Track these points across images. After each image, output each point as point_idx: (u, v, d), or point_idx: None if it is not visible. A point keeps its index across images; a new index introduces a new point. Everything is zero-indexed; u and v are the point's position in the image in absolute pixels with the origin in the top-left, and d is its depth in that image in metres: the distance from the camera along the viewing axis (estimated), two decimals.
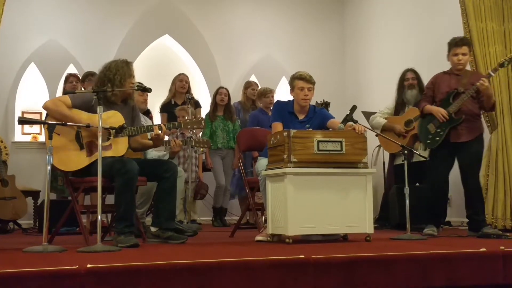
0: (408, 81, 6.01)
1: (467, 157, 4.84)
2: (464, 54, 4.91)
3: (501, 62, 4.87)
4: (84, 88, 6.19)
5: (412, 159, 5.74)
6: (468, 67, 5.13)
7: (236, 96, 7.49)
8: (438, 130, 4.88)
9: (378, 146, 6.73)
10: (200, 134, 6.82)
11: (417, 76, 6.01)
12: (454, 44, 4.94)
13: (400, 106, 6.06)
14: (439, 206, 5.00)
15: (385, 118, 6.06)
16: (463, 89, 4.83)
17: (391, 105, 6.14)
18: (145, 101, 5.36)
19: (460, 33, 5.55)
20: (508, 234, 4.57)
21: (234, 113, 7.04)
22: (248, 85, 7.28)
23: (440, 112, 4.85)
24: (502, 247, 3.21)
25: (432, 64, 5.94)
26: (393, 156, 6.17)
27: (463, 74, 4.94)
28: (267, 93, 6.95)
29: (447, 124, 4.83)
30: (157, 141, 4.31)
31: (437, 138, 4.87)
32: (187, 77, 7.05)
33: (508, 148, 5.36)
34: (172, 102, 6.85)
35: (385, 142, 5.94)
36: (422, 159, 4.93)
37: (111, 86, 4.05)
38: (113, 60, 4.29)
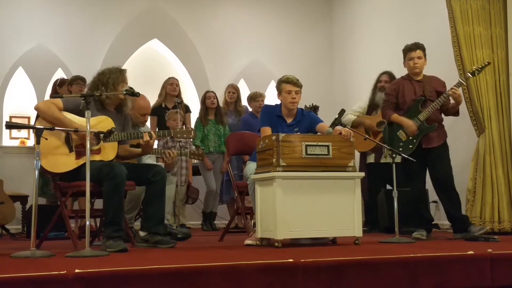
0: (381, 83, 6.14)
1: (440, 161, 4.92)
2: (419, 58, 4.99)
3: (472, 71, 4.95)
4: (71, 92, 6.16)
5: (381, 160, 5.87)
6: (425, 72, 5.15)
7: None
8: (411, 138, 4.91)
9: None
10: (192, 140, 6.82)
11: (391, 80, 6.06)
12: (408, 49, 5.04)
13: (373, 107, 6.20)
14: (426, 211, 5.07)
15: (357, 117, 6.18)
16: (431, 97, 4.90)
17: (364, 104, 6.26)
18: (145, 121, 5.28)
19: (447, 36, 5.60)
20: (496, 236, 4.61)
21: (224, 116, 7.06)
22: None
23: (412, 128, 4.86)
24: (489, 250, 3.24)
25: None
26: (364, 155, 6.24)
27: (424, 80, 5.00)
28: (257, 97, 7.00)
29: (420, 132, 4.89)
30: (146, 148, 4.30)
31: (411, 146, 4.90)
32: (177, 81, 7.04)
33: (496, 151, 5.40)
34: (163, 106, 6.85)
35: (356, 140, 6.02)
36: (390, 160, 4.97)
37: (104, 89, 4.05)
38: (107, 70, 4.30)
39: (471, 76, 4.97)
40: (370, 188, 6.10)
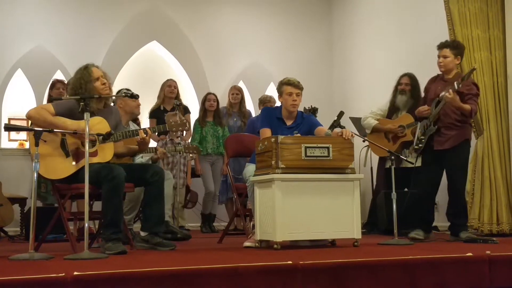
0: (401, 85, 6.00)
1: (450, 163, 4.90)
2: (445, 57, 4.93)
3: (462, 77, 4.84)
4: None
5: (401, 164, 5.79)
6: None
7: (225, 102, 7.49)
8: (422, 137, 4.96)
9: (366, 146, 6.70)
10: (190, 140, 6.82)
11: (411, 82, 5.96)
12: (437, 47, 4.99)
13: (393, 110, 6.06)
14: (426, 211, 5.04)
15: (377, 120, 6.07)
16: (440, 98, 4.88)
17: (384, 106, 6.13)
18: (138, 106, 5.27)
19: (447, 37, 5.60)
20: (494, 238, 4.61)
21: (223, 119, 7.06)
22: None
23: (420, 110, 4.98)
24: (488, 252, 3.24)
25: (419, 69, 6.00)
26: (383, 159, 6.18)
27: (451, 79, 4.91)
28: (265, 101, 7.00)
29: (428, 133, 4.92)
30: (142, 145, 4.28)
31: (420, 145, 4.97)
32: (176, 83, 7.04)
33: (494, 153, 5.41)
34: (161, 108, 6.85)
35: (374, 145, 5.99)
36: (410, 165, 5.00)
37: (84, 100, 3.76)
38: (75, 73, 4.18)
39: (461, 81, 4.79)
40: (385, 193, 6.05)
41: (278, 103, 7.10)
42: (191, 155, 6.21)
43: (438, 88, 4.97)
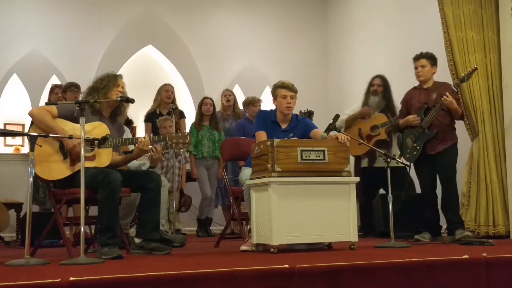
0: (373, 87, 6.14)
1: (442, 165, 5.05)
2: (423, 66, 5.13)
3: (461, 77, 5.06)
4: (65, 99, 6.16)
5: (374, 164, 5.88)
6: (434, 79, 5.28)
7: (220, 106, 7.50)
8: (415, 145, 5.08)
9: None
10: None
11: (383, 84, 6.12)
12: (413, 58, 5.20)
13: None
14: (430, 214, 5.14)
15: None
16: (433, 104, 5.02)
17: (357, 108, 6.25)
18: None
19: (442, 40, 5.61)
20: (490, 240, 4.62)
21: (219, 123, 7.05)
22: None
23: (414, 120, 5.09)
24: (484, 254, 3.25)
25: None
26: (358, 159, 6.24)
27: (432, 88, 5.12)
28: (255, 102, 6.99)
29: (423, 139, 5.06)
30: (141, 152, 4.28)
31: (415, 153, 5.08)
32: (173, 87, 7.05)
33: (489, 155, 5.42)
34: (157, 112, 6.85)
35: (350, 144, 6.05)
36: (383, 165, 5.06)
37: (96, 95, 4.10)
38: (103, 74, 4.35)
39: (460, 83, 5.06)
40: (365, 191, 6.09)
41: (263, 104, 7.14)
42: (182, 150, 6.17)
43: (421, 96, 5.16)
